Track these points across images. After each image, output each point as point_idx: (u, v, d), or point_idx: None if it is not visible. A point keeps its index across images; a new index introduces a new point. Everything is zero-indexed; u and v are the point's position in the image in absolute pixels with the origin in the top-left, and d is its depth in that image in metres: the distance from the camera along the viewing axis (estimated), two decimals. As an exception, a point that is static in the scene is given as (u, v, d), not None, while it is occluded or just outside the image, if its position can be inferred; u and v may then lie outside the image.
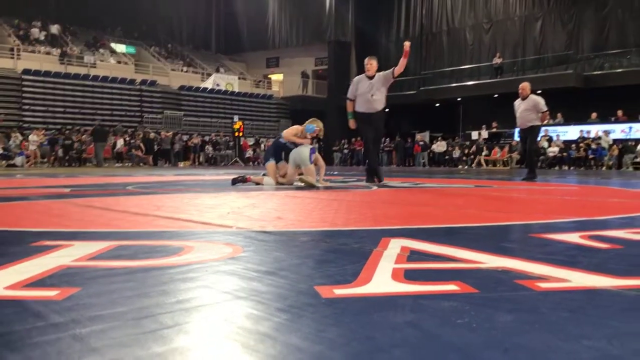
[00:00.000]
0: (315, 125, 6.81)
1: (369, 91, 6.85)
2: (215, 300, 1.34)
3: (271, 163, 6.77)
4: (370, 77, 6.93)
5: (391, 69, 6.96)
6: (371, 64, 6.94)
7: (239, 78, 30.38)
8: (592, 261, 1.84)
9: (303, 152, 6.51)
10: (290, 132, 6.79)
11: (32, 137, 19.77)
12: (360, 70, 26.07)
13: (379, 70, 7.02)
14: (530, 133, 8.40)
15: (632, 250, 2.09)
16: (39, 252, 1.94)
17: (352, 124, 6.92)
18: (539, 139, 10.34)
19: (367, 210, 3.72)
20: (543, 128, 8.82)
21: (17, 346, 1.01)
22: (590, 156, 19.36)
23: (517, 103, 8.47)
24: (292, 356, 0.96)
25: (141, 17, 30.95)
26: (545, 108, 8.25)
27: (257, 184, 6.64)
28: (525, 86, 8.42)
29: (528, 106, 8.24)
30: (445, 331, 1.09)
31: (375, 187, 6.43)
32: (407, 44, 6.83)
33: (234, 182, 6.65)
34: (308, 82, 30.81)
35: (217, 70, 30.68)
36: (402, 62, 6.86)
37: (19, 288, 1.44)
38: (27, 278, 1.54)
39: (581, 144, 19.64)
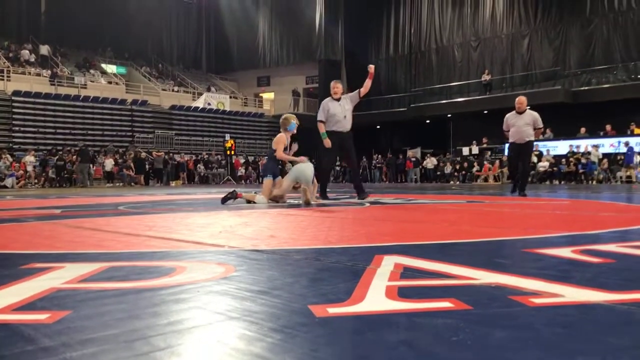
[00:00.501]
0: (294, 122, 6.90)
1: (341, 112, 7.16)
2: (208, 321, 1.33)
3: (269, 180, 6.72)
4: (338, 100, 7.24)
5: (357, 90, 7.34)
6: (337, 87, 7.31)
7: (230, 97, 30.49)
8: (584, 276, 1.85)
9: (307, 171, 6.42)
10: (280, 150, 6.76)
11: (29, 158, 19.65)
12: (350, 88, 26.28)
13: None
14: (526, 149, 8.24)
15: (624, 264, 2.10)
16: (29, 274, 1.92)
17: (327, 143, 7.15)
18: None
19: (360, 228, 3.71)
20: (534, 143, 8.75)
21: (6, 371, 0.99)
22: (581, 170, 19.53)
23: (512, 117, 8.29)
24: (286, 377, 0.95)
25: (131, 37, 31.06)
26: (541, 125, 8.19)
27: (249, 201, 6.57)
28: (522, 100, 8.26)
29: (527, 120, 8.08)
30: (440, 349, 1.09)
31: (367, 204, 6.43)
32: (371, 67, 7.23)
33: (224, 200, 6.60)
34: (299, 100, 30.97)
35: (208, 90, 30.77)
36: (367, 84, 7.20)
37: (9, 311, 1.42)
38: (17, 301, 1.52)
39: (571, 159, 19.81)
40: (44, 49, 26.30)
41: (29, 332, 1.23)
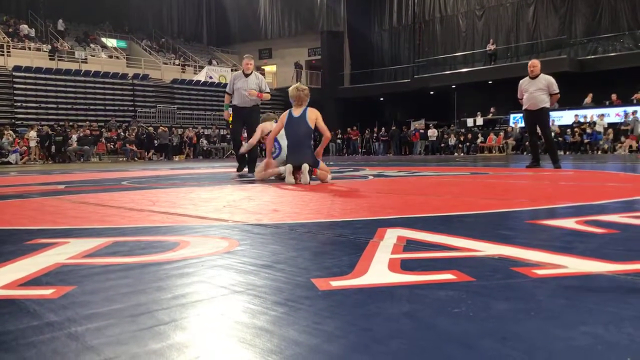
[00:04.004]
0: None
1: (244, 87, 7.44)
2: (212, 295, 1.34)
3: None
4: (247, 75, 7.49)
5: (264, 88, 7.59)
6: (249, 63, 7.54)
7: (232, 70, 30.23)
8: (588, 246, 1.85)
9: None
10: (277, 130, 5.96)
11: (32, 134, 19.61)
12: (353, 60, 25.89)
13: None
14: (540, 116, 7.80)
15: (628, 235, 2.10)
16: (33, 250, 1.93)
17: (226, 115, 7.71)
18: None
19: (363, 201, 3.71)
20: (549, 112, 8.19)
21: (12, 346, 1.00)
22: (586, 140, 19.41)
23: (525, 82, 7.87)
24: (289, 350, 0.96)
25: (131, 10, 30.70)
26: (557, 90, 7.73)
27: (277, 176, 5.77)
28: (536, 63, 7.85)
29: (541, 85, 7.67)
30: (442, 321, 1.09)
31: (371, 177, 6.41)
32: (252, 92, 7.41)
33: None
34: (301, 73, 30.71)
35: (210, 63, 30.53)
36: (260, 95, 7.50)
37: (14, 287, 1.43)
38: (22, 277, 1.54)
39: (576, 129, 19.67)
40: (60, 24, 26.18)
41: (34, 308, 1.24)
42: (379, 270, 1.53)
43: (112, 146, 22.00)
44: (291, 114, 5.50)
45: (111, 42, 28.94)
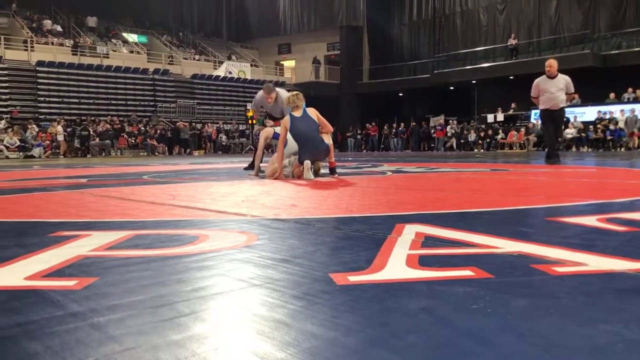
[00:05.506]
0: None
1: (269, 109, 7.34)
2: (231, 288, 1.35)
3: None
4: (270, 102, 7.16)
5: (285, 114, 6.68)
6: (270, 97, 7.05)
7: (251, 65, 30.32)
8: (609, 244, 1.82)
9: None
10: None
11: (58, 128, 19.88)
12: (372, 55, 25.68)
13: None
14: (559, 115, 7.94)
15: (650, 233, 2.06)
16: (57, 242, 1.97)
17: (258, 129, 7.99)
18: None
19: (381, 197, 3.71)
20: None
21: (36, 335, 1.03)
22: (609, 137, 19.07)
23: (543, 81, 7.87)
24: (306, 342, 0.96)
25: (152, 5, 30.93)
26: (573, 89, 7.86)
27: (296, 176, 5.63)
28: (552, 63, 7.85)
29: (561, 86, 7.73)
30: (460, 317, 1.09)
31: (389, 173, 6.39)
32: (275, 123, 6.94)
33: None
34: (320, 68, 30.67)
35: (229, 58, 30.62)
36: (277, 124, 6.74)
37: (38, 278, 1.47)
38: (46, 268, 1.57)
39: (599, 125, 19.34)
40: (92, 21, 26.57)
41: (58, 298, 1.27)
42: (396, 265, 1.53)
43: (133, 141, 22.26)
44: (293, 116, 5.64)
45: (132, 37, 29.21)
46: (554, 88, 7.75)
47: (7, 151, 18.52)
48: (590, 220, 2.32)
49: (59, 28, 25.80)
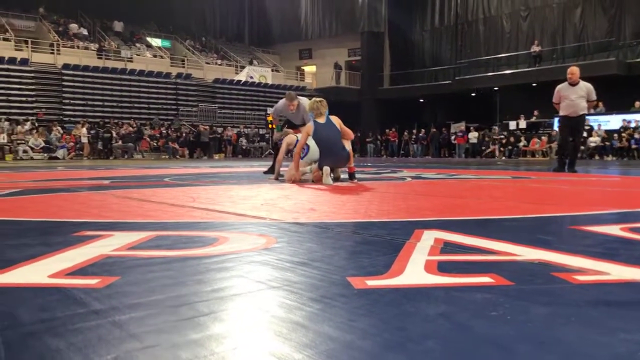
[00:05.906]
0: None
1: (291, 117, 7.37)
2: (249, 289, 1.36)
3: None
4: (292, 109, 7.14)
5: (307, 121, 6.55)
6: (293, 105, 7.06)
7: (272, 70, 30.48)
8: (632, 254, 1.79)
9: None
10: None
11: (83, 130, 20.23)
12: (393, 61, 25.54)
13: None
14: (580, 123, 7.95)
15: (675, 243, 2.02)
16: (80, 242, 2.01)
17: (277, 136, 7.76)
18: None
19: (400, 202, 3.70)
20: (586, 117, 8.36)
21: (59, 332, 1.05)
22: (634, 146, 18.74)
23: (564, 88, 7.88)
24: (324, 345, 0.97)
25: (175, 10, 31.32)
26: (595, 97, 7.87)
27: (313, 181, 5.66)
28: (574, 71, 7.85)
29: (582, 93, 7.73)
30: (478, 323, 1.08)
31: (409, 179, 6.36)
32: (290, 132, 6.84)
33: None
34: (341, 74, 30.70)
35: (251, 63, 30.84)
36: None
37: (62, 276, 1.50)
38: (69, 267, 1.60)
39: (623, 134, 19.02)
40: (119, 26, 27.05)
41: (81, 296, 1.29)
42: (415, 270, 1.53)
43: (155, 144, 22.52)
44: (317, 123, 5.67)
45: (156, 42, 29.60)
46: (574, 95, 7.76)
47: (32, 152, 18.89)
48: (614, 230, 2.28)
49: (84, 32, 26.29)
